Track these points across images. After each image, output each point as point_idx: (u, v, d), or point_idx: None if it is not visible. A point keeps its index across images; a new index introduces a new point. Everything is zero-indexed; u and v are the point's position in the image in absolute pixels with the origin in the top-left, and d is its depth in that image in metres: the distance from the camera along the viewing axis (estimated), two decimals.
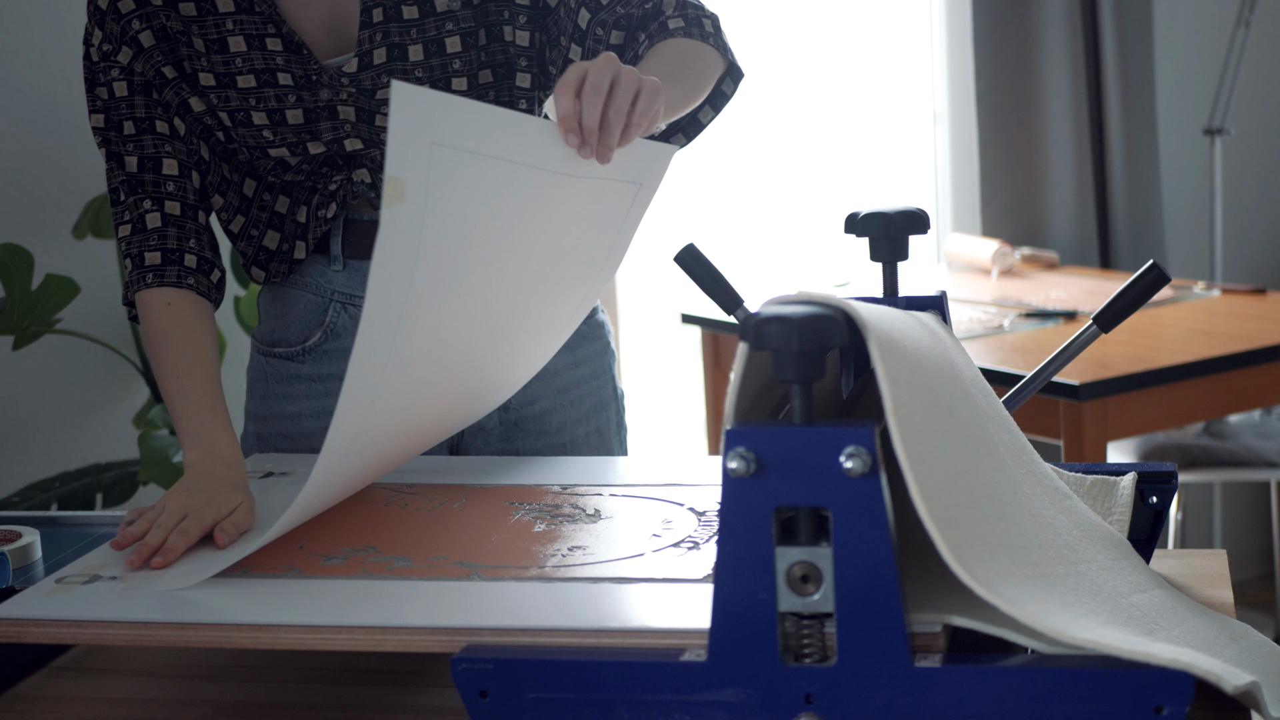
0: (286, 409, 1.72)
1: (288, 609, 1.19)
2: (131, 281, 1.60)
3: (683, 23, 1.61)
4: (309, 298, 1.69)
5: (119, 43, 1.60)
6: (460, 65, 1.62)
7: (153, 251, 1.59)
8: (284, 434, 1.72)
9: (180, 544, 1.32)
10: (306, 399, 1.70)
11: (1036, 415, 2.71)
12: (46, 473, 2.73)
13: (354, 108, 1.61)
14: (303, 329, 1.70)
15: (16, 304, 2.45)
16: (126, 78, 1.61)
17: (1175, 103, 3.87)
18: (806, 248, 3.76)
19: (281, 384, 1.71)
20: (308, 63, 1.60)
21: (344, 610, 1.18)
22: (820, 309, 1.00)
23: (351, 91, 1.61)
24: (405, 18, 1.61)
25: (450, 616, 1.15)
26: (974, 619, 1.04)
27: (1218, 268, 3.75)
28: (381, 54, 1.61)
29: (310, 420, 1.70)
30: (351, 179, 1.65)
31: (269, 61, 1.60)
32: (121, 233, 1.61)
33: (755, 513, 1.00)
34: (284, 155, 1.63)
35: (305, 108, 1.61)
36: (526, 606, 1.17)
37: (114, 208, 1.63)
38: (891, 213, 1.38)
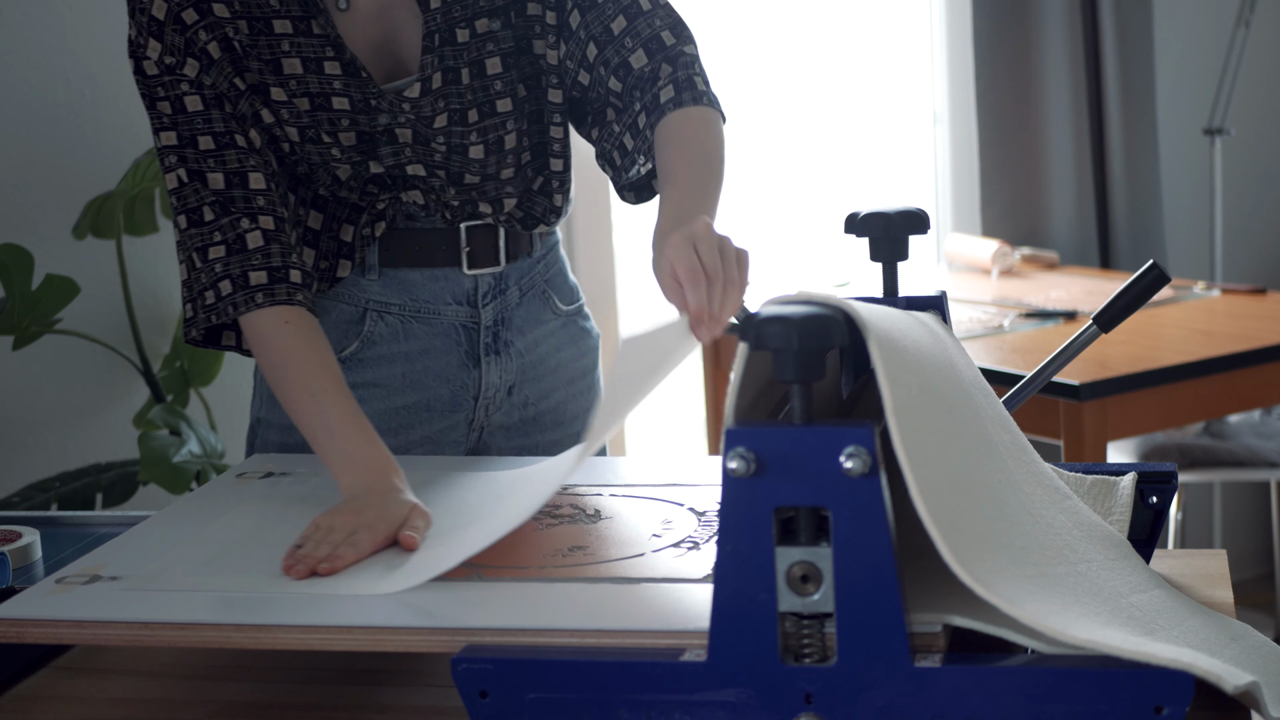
0: None
1: (288, 609, 1.19)
2: (235, 303, 1.53)
3: (673, 91, 1.59)
4: (342, 307, 1.68)
5: (183, 55, 1.54)
6: (501, 86, 1.62)
7: (258, 270, 1.54)
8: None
9: (350, 555, 1.29)
10: None
11: (1036, 415, 2.71)
12: (46, 473, 2.73)
13: (411, 131, 1.60)
14: (337, 339, 1.67)
15: (16, 304, 2.45)
16: (197, 91, 1.55)
17: (1175, 103, 3.87)
18: (806, 248, 3.76)
19: None
20: (366, 86, 1.58)
21: (344, 610, 1.18)
22: (820, 309, 1.00)
23: (410, 117, 1.59)
24: (458, 41, 1.59)
25: (450, 617, 1.15)
26: (974, 619, 1.04)
27: (1218, 268, 3.75)
28: (438, 79, 1.59)
29: None
30: (401, 199, 1.64)
31: (325, 85, 1.58)
32: (214, 254, 1.54)
33: (755, 513, 1.00)
34: (344, 174, 1.61)
35: (359, 130, 1.59)
36: (527, 606, 1.17)
37: (196, 227, 1.55)
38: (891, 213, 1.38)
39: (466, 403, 1.71)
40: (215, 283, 1.54)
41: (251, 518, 1.41)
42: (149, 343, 2.81)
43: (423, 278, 1.67)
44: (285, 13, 1.56)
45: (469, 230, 1.66)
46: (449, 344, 1.69)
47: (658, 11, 1.62)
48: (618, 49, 1.61)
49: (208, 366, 2.73)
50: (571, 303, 1.78)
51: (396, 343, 1.68)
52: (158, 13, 1.54)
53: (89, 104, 2.79)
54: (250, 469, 1.57)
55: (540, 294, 1.74)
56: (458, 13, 1.59)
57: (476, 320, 1.69)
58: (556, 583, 1.21)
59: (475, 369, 1.70)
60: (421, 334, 1.68)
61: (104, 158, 2.80)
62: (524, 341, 1.72)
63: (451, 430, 1.71)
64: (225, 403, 2.93)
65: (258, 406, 1.74)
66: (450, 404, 1.70)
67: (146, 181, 2.64)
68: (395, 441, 1.68)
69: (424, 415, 1.70)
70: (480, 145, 1.62)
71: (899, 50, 3.82)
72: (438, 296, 1.67)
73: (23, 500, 2.58)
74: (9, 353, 2.62)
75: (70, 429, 2.82)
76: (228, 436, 2.85)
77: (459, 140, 1.62)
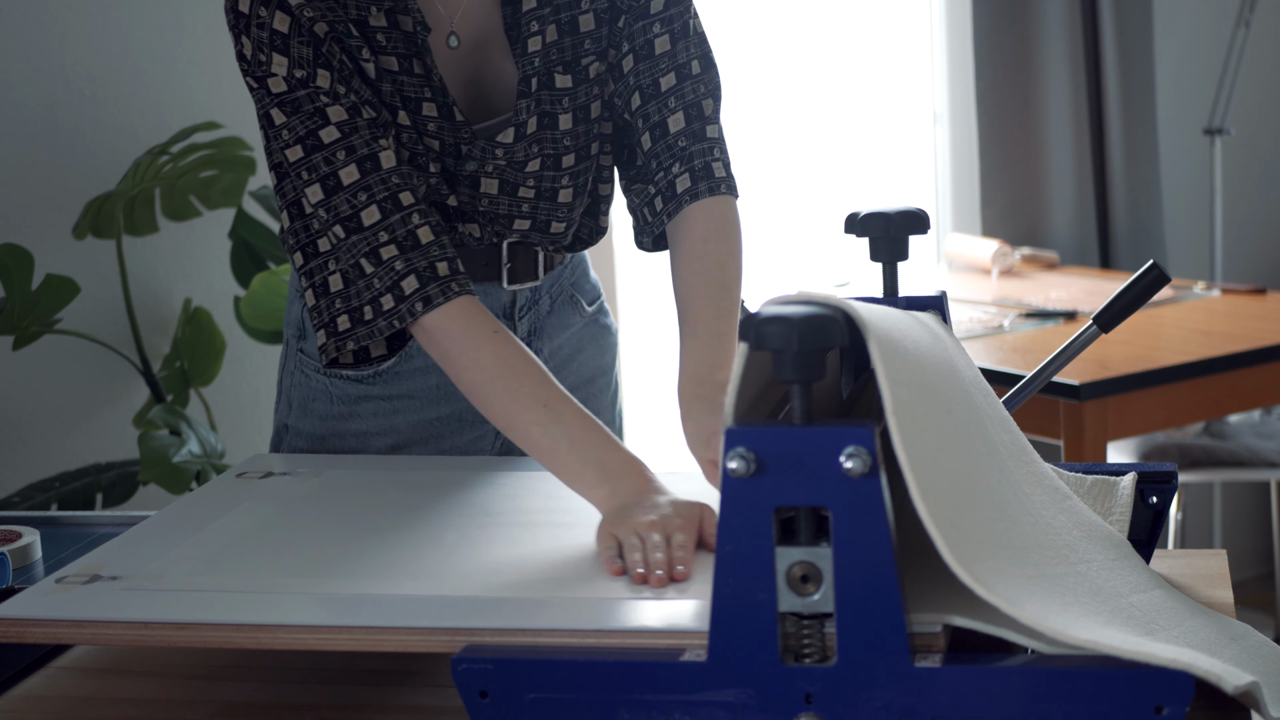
0: (351, 428, 1.69)
1: (288, 609, 1.19)
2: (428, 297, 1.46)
3: (689, 181, 1.57)
4: None
5: (313, 66, 1.48)
6: (598, 130, 1.62)
7: (443, 262, 1.48)
8: (344, 449, 1.69)
9: (691, 560, 1.24)
10: (374, 417, 1.68)
11: (1036, 415, 2.71)
12: (46, 473, 2.73)
13: (498, 180, 1.59)
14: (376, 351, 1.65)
15: (16, 304, 2.45)
16: (336, 101, 1.48)
17: (1175, 103, 3.87)
18: (806, 248, 3.76)
19: (348, 404, 1.68)
20: (459, 130, 1.55)
21: (344, 610, 1.18)
22: (820, 309, 1.00)
23: (500, 164, 1.58)
24: (558, 86, 1.58)
25: (450, 617, 1.15)
26: (974, 619, 1.04)
27: (1218, 268, 3.75)
28: (533, 123, 1.58)
29: (376, 438, 1.68)
30: (458, 229, 1.62)
31: (420, 126, 1.55)
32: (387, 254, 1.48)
33: (755, 513, 1.00)
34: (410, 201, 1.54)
35: (447, 173, 1.57)
36: (527, 607, 1.17)
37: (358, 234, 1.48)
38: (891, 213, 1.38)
39: None
40: (397, 282, 1.47)
41: (251, 518, 1.41)
42: (149, 343, 2.81)
43: None
44: (391, 50, 1.52)
45: (510, 247, 1.66)
46: None
47: (704, 78, 1.61)
48: (660, 106, 1.59)
49: (208, 366, 2.73)
50: (593, 301, 1.79)
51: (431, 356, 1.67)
52: (280, 26, 1.47)
53: (89, 104, 2.79)
54: (250, 469, 1.57)
55: (568, 298, 1.75)
56: (555, 56, 1.57)
57: (513, 334, 1.68)
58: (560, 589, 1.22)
59: None
60: None
61: (104, 158, 2.80)
62: (553, 345, 1.73)
63: (480, 440, 1.72)
64: (225, 403, 2.93)
65: (284, 413, 1.72)
66: (481, 415, 1.69)
67: (146, 181, 2.64)
68: (426, 451, 1.68)
69: (455, 426, 1.70)
70: (570, 189, 1.62)
71: (899, 50, 3.82)
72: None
73: (23, 500, 2.58)
74: (9, 353, 2.62)
75: (70, 429, 2.82)
76: (228, 436, 2.85)
77: (550, 185, 1.61)
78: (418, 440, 1.67)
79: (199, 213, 2.73)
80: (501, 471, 1.54)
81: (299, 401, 1.70)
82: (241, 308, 2.69)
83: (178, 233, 2.86)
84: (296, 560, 1.30)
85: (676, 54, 1.59)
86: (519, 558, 1.29)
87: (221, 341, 2.73)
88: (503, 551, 1.30)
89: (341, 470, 1.56)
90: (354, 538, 1.35)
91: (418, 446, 1.66)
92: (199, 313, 2.71)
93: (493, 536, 1.34)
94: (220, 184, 2.68)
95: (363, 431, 1.68)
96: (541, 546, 1.31)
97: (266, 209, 2.79)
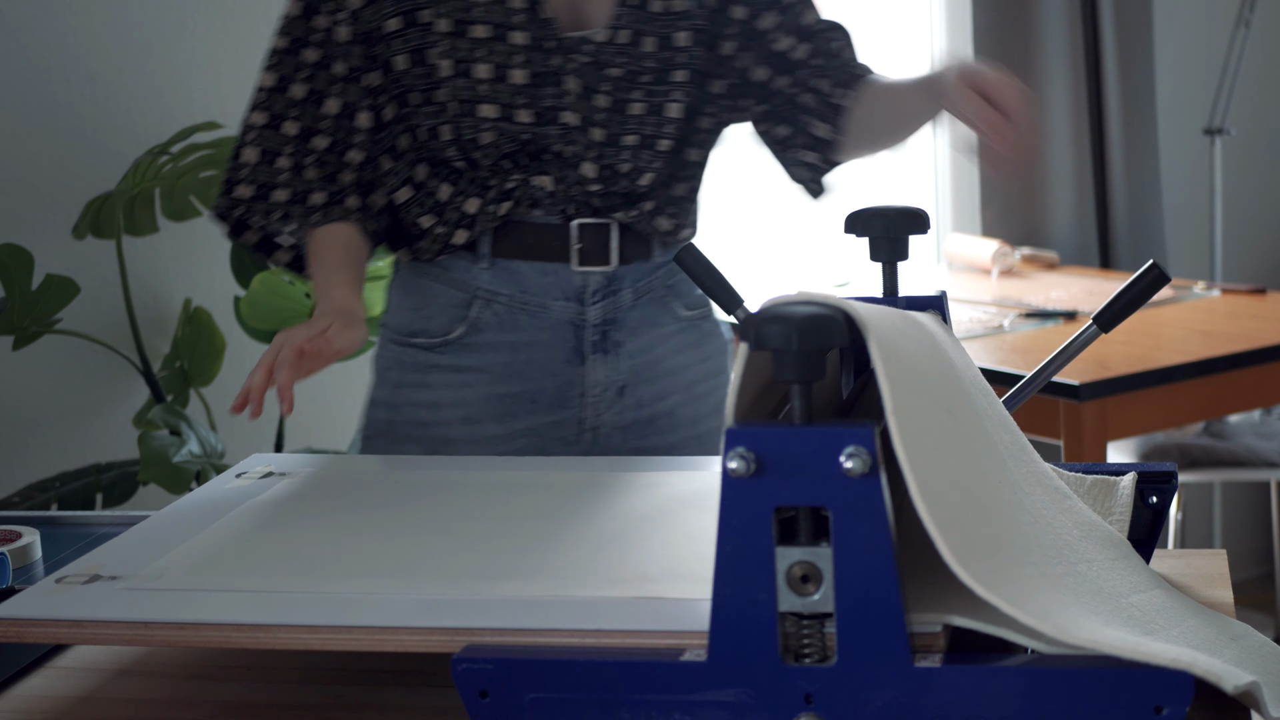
0: (423, 398, 1.75)
1: (288, 609, 1.19)
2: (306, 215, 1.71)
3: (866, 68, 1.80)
4: (450, 291, 1.73)
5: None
6: (682, 59, 1.69)
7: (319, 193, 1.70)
8: (419, 422, 1.75)
9: (285, 377, 1.44)
10: (445, 388, 1.74)
11: (1036, 415, 2.71)
12: (46, 473, 2.73)
13: (581, 80, 1.66)
14: (445, 322, 1.73)
15: (16, 304, 2.45)
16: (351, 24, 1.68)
17: (1175, 103, 3.87)
18: (806, 248, 3.76)
19: (418, 373, 1.75)
20: (545, 27, 1.65)
21: (344, 610, 1.18)
22: (820, 309, 1.00)
23: (585, 62, 1.66)
24: (651, 10, 1.68)
25: (450, 617, 1.15)
26: (974, 619, 1.04)
27: (1218, 268, 3.75)
28: (624, 35, 1.67)
29: (447, 410, 1.74)
30: (530, 182, 1.69)
31: (507, 17, 1.65)
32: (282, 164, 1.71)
33: (755, 513, 1.00)
34: (490, 114, 1.66)
35: (533, 70, 1.65)
36: (527, 607, 1.17)
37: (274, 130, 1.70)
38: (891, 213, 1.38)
39: (574, 400, 1.74)
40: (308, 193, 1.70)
41: (251, 518, 1.41)
42: (149, 343, 2.81)
43: (532, 271, 1.71)
44: None
45: (581, 227, 1.70)
46: (555, 339, 1.72)
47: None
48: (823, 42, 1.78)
49: (208, 366, 2.73)
50: (695, 307, 1.80)
51: (502, 332, 1.72)
52: None
53: (89, 104, 2.79)
54: (250, 469, 1.57)
55: (658, 299, 1.76)
56: None
57: (583, 317, 1.72)
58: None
59: (581, 366, 1.73)
60: (528, 326, 1.72)
61: (104, 158, 2.80)
62: (636, 343, 1.75)
63: (559, 427, 1.74)
64: (225, 403, 2.92)
65: (372, 386, 1.81)
66: (556, 399, 1.74)
67: (146, 181, 2.64)
68: (500, 429, 1.73)
69: (529, 406, 1.73)
70: (644, 104, 1.68)
71: (899, 50, 3.82)
72: (546, 291, 1.71)
73: (23, 500, 2.58)
74: (9, 353, 2.62)
75: (70, 429, 2.82)
76: (228, 436, 2.85)
77: (624, 95, 1.67)
78: (490, 416, 1.72)
79: (199, 213, 2.73)
80: (502, 471, 1.54)
81: (379, 371, 1.79)
82: (241, 308, 2.69)
83: (178, 233, 2.86)
84: (296, 560, 1.30)
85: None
86: (519, 557, 1.29)
87: (221, 341, 2.73)
88: (503, 551, 1.30)
89: (342, 470, 1.56)
90: (354, 538, 1.35)
91: (491, 423, 1.72)
92: (199, 313, 2.71)
93: (493, 536, 1.34)
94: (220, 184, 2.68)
95: (434, 402, 1.74)
96: (542, 546, 1.31)
97: None
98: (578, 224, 1.70)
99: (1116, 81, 3.70)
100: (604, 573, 1.23)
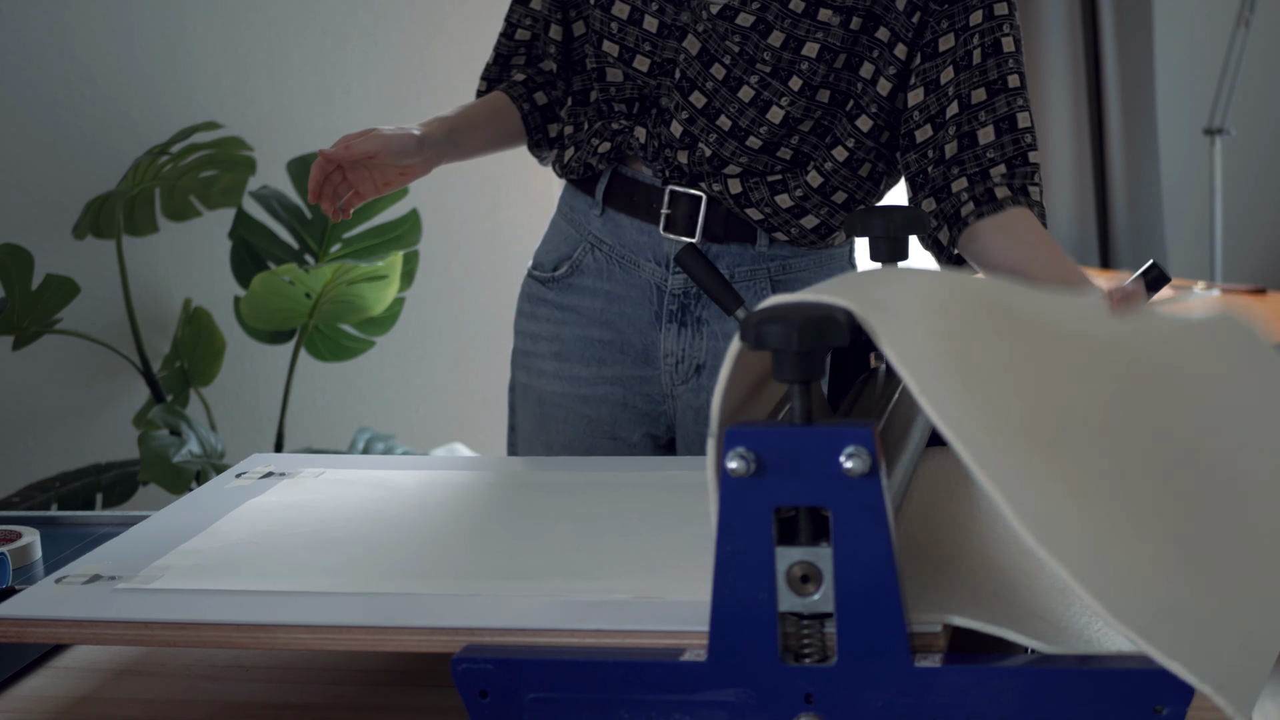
0: (529, 328, 1.86)
1: (288, 609, 1.19)
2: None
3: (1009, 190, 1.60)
4: (569, 230, 1.81)
5: None
6: (806, 69, 1.66)
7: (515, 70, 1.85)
8: (524, 350, 1.86)
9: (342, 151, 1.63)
10: (545, 322, 1.83)
11: None
12: (46, 473, 2.73)
13: (701, 43, 1.67)
14: (557, 258, 1.83)
15: (16, 304, 2.45)
16: None
17: (1175, 103, 3.87)
18: None
19: (530, 304, 1.86)
20: None
21: (344, 610, 1.18)
22: (820, 309, 1.00)
23: (707, 26, 1.66)
24: (788, 4, 1.66)
25: (450, 617, 1.15)
26: (974, 619, 1.04)
27: (1218, 268, 3.75)
28: (747, 19, 1.66)
29: (544, 343, 1.83)
30: (632, 131, 1.73)
31: None
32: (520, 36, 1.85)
33: (755, 513, 1.00)
34: (612, 53, 1.71)
35: (662, 21, 1.68)
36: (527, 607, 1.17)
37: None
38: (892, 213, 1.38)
39: (657, 360, 1.79)
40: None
41: (251, 518, 1.41)
42: (149, 343, 2.81)
43: (632, 227, 1.77)
44: None
45: (672, 194, 1.73)
46: (642, 298, 1.78)
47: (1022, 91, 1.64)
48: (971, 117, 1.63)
49: (208, 366, 2.73)
50: None
51: (600, 279, 1.79)
52: None
53: (89, 104, 2.79)
54: (248, 469, 1.57)
55: (759, 289, 1.76)
56: None
57: (665, 284, 1.76)
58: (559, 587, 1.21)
59: (659, 331, 1.78)
60: (621, 279, 1.78)
61: (104, 158, 2.80)
62: (724, 326, 1.77)
63: (644, 383, 1.80)
64: (225, 403, 2.93)
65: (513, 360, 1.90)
66: (642, 355, 1.80)
67: (146, 181, 2.64)
68: (586, 372, 1.80)
69: (618, 355, 1.79)
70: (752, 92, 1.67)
71: None
72: (639, 250, 1.77)
73: (23, 500, 2.58)
74: (9, 353, 2.62)
75: (70, 429, 2.82)
76: (228, 436, 2.85)
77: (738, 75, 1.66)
78: (579, 357, 1.80)
79: (199, 213, 2.73)
80: (502, 470, 1.54)
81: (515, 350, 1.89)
82: (241, 308, 2.69)
83: (178, 233, 2.86)
84: (296, 560, 1.30)
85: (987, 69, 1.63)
86: (519, 557, 1.29)
87: (221, 341, 2.73)
88: (503, 551, 1.30)
89: (342, 470, 1.56)
90: (354, 537, 1.35)
91: (579, 364, 1.80)
92: (199, 313, 2.71)
93: (493, 536, 1.34)
94: (220, 184, 2.68)
95: (536, 334, 1.84)
96: (543, 546, 1.31)
97: (266, 209, 2.79)
98: (670, 190, 1.73)
99: (1116, 81, 3.71)
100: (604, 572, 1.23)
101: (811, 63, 1.65)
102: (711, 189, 1.71)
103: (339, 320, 2.70)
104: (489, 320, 3.28)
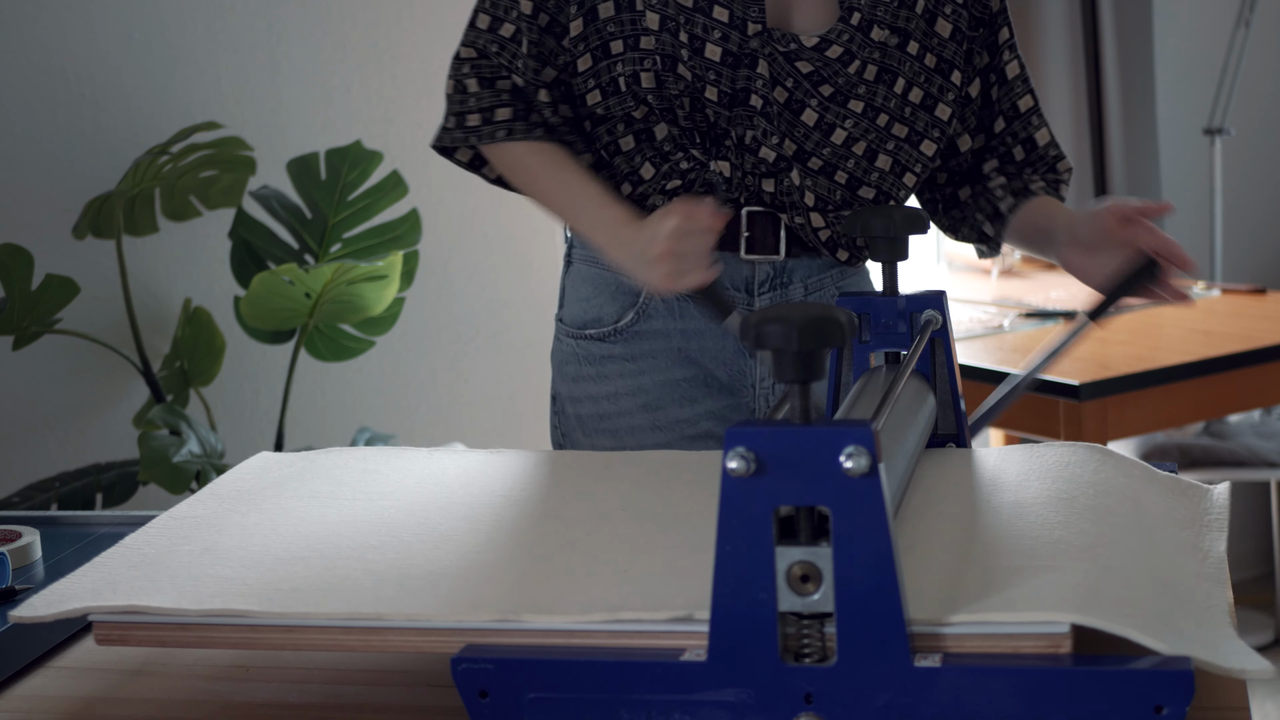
0: (602, 390, 1.77)
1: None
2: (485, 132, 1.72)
3: (1044, 184, 1.79)
4: (621, 279, 1.73)
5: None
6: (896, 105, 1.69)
7: (504, 108, 1.71)
8: (601, 414, 1.77)
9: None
10: (620, 378, 1.76)
11: (1036, 415, 2.71)
12: (46, 473, 2.73)
13: (769, 66, 1.64)
14: (616, 310, 1.75)
15: (16, 304, 2.45)
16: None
17: (1175, 103, 3.87)
18: None
19: (594, 365, 1.77)
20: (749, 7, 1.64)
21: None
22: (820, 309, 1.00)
23: (781, 50, 1.64)
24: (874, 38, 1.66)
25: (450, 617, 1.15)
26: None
27: (1218, 268, 3.75)
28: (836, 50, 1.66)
29: (626, 399, 1.76)
30: (708, 165, 1.68)
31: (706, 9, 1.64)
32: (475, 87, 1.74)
33: (755, 513, 1.00)
34: (686, 75, 1.64)
35: (725, 49, 1.64)
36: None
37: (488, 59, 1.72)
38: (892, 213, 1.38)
39: (746, 389, 1.76)
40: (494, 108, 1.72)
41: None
42: (149, 343, 2.81)
43: None
44: None
45: (750, 215, 1.70)
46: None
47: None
48: (1025, 124, 1.78)
49: (208, 366, 2.73)
50: None
51: (672, 319, 1.74)
52: None
53: (89, 104, 2.79)
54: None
55: (830, 299, 1.75)
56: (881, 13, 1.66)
57: (751, 308, 1.72)
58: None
59: (751, 357, 1.74)
60: (697, 314, 1.73)
61: (104, 158, 2.80)
62: None
63: (737, 410, 1.75)
64: (225, 403, 2.93)
65: (554, 381, 1.82)
66: (729, 386, 1.75)
67: (146, 181, 2.64)
68: (683, 413, 1.74)
69: (704, 390, 1.74)
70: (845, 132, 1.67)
71: None
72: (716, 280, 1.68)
73: (23, 500, 2.58)
74: (9, 353, 2.62)
75: (70, 429, 2.82)
76: (228, 436, 2.85)
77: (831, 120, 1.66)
78: (669, 401, 1.73)
79: (199, 213, 2.73)
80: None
81: (556, 367, 1.82)
82: (241, 308, 2.69)
83: (178, 233, 2.86)
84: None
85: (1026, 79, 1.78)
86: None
87: (221, 341, 2.73)
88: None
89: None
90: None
91: (673, 407, 1.73)
92: (199, 313, 2.71)
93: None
94: (220, 184, 2.68)
95: (613, 393, 1.76)
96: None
97: (266, 209, 2.80)
98: (747, 211, 1.69)
99: (1116, 81, 3.70)
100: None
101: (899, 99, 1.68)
102: (794, 220, 1.70)
103: (339, 320, 2.70)
104: (489, 320, 3.29)
